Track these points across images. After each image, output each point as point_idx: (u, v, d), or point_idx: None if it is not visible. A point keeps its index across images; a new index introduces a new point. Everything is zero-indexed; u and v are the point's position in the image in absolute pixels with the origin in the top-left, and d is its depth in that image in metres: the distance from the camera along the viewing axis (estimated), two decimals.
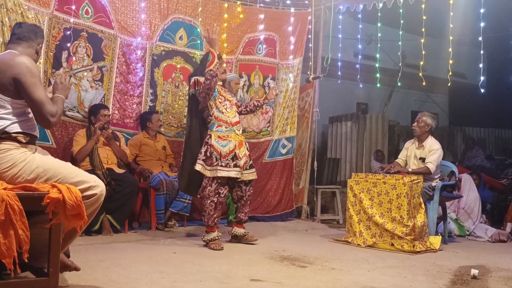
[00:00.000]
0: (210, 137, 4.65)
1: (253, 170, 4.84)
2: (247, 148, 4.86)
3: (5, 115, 2.64)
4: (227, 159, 4.57)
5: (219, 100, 4.76)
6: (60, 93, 2.84)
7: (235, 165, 4.59)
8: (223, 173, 4.53)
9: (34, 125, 2.78)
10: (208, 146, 4.60)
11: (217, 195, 4.55)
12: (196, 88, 4.70)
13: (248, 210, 4.89)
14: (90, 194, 2.67)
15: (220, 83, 4.89)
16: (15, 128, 2.66)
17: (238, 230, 4.82)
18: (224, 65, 5.15)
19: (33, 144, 2.77)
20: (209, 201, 4.54)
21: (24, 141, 2.68)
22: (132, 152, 5.63)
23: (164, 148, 5.87)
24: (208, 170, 4.55)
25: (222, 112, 4.72)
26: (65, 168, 2.71)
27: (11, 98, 2.65)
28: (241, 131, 4.86)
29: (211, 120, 4.71)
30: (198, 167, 4.59)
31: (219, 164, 4.54)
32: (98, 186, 2.71)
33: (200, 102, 4.69)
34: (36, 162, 2.66)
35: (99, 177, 3.99)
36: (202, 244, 4.58)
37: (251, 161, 4.87)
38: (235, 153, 4.63)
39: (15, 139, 2.65)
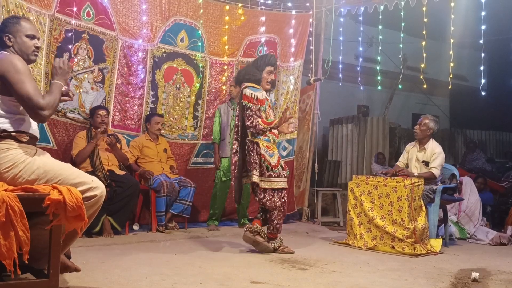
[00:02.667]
0: (258, 145, 4.34)
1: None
2: None
3: (3, 114, 2.64)
4: (278, 169, 4.36)
5: (268, 112, 4.47)
6: (58, 79, 2.74)
7: (284, 176, 4.42)
8: (279, 184, 4.35)
9: (32, 124, 2.76)
10: (260, 156, 4.33)
11: (284, 204, 4.42)
12: (249, 105, 4.34)
13: None
14: (91, 196, 2.66)
15: (269, 86, 4.62)
16: (14, 126, 2.65)
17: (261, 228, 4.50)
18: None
19: (33, 144, 2.75)
20: (276, 212, 4.37)
21: (24, 140, 2.67)
22: (134, 154, 5.64)
23: (165, 150, 5.87)
24: (263, 181, 4.32)
25: None
26: (66, 170, 2.70)
27: (6, 95, 2.63)
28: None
29: None
30: (254, 178, 4.30)
31: (272, 175, 4.33)
32: (98, 188, 2.71)
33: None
34: (37, 163, 2.65)
35: (100, 179, 4.00)
36: (201, 246, 4.53)
37: None
38: (281, 164, 4.43)
39: (14, 138, 2.64)
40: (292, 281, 3.43)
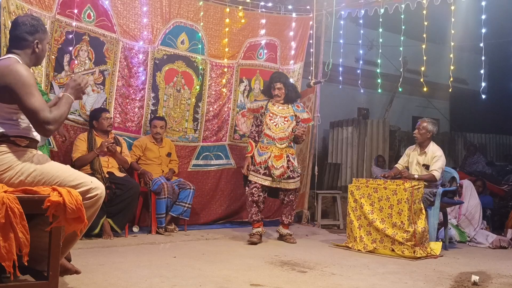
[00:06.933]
0: (256, 145, 5.40)
1: (293, 180, 5.30)
2: (288, 160, 5.29)
3: (2, 119, 2.63)
4: (260, 167, 5.21)
5: (269, 117, 5.36)
6: (70, 93, 2.71)
7: (265, 174, 5.19)
8: (254, 178, 5.24)
9: (32, 129, 2.72)
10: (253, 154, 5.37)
11: (251, 195, 5.20)
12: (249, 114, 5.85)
13: (291, 214, 5.43)
14: (90, 196, 2.66)
15: (277, 98, 5.41)
16: (13, 131, 2.63)
17: (282, 230, 5.44)
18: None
19: (33, 148, 2.74)
20: (248, 200, 5.25)
21: (22, 144, 2.65)
22: (136, 154, 5.63)
23: (168, 154, 5.84)
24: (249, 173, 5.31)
25: (270, 129, 5.32)
26: (64, 171, 2.68)
27: (6, 103, 2.60)
28: (285, 145, 5.31)
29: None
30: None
31: (253, 170, 5.26)
32: (97, 188, 2.70)
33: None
34: (34, 166, 2.63)
35: None
36: (201, 248, 4.51)
37: (292, 172, 5.29)
38: (267, 163, 5.20)
39: (13, 143, 2.63)
40: (291, 283, 3.42)
